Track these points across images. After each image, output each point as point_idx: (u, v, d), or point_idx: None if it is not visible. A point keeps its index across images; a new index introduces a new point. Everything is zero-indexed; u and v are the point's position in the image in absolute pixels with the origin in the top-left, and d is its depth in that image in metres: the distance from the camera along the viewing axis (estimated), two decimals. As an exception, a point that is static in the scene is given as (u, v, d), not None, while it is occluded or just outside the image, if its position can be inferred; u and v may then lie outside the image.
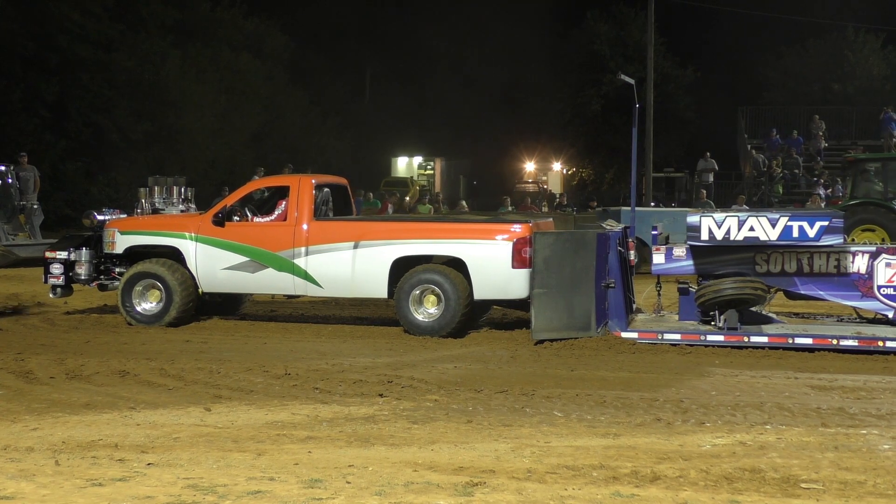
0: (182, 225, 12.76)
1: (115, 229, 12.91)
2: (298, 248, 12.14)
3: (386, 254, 11.84)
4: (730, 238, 11.01)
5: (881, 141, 32.43)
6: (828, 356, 10.45)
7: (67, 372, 9.46)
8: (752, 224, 10.94)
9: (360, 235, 12.00)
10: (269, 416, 7.62)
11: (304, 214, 12.28)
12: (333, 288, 12.20)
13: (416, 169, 49.06)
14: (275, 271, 12.22)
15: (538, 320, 10.96)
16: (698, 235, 11.08)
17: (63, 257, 12.96)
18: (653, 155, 30.48)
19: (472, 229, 11.88)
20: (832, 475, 5.91)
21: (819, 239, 10.85)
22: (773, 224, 10.90)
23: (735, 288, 10.93)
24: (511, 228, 11.61)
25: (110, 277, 13.06)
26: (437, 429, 7.17)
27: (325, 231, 12.19)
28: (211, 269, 12.45)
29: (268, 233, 12.38)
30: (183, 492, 5.47)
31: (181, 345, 11.19)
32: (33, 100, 32.62)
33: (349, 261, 11.95)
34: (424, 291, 11.66)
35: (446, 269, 11.67)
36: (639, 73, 33.73)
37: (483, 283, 11.53)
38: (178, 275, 12.41)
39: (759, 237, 10.96)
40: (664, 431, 7.12)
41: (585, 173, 49.71)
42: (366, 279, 11.93)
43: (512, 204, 26.75)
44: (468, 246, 11.62)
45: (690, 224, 11.15)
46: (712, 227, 11.01)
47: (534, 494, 5.48)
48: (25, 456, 6.37)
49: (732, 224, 10.97)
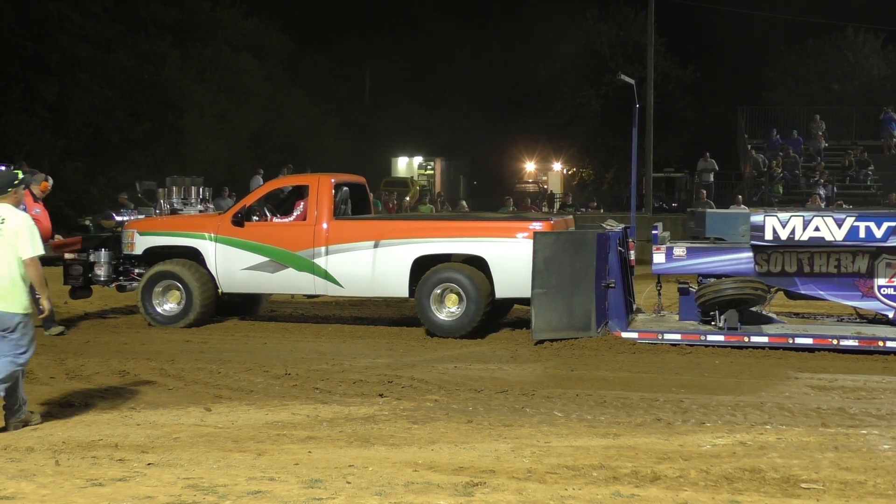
0: (201, 225, 12.77)
1: (133, 230, 12.91)
2: (318, 247, 12.13)
3: (407, 253, 11.82)
4: (794, 238, 10.85)
5: (881, 141, 32.43)
6: (828, 356, 10.44)
7: (67, 372, 9.46)
8: (818, 224, 10.77)
9: (380, 234, 11.99)
10: (270, 416, 7.62)
11: (323, 214, 12.26)
12: (354, 287, 12.19)
13: (416, 169, 49.03)
14: (295, 271, 12.20)
15: (538, 320, 10.95)
16: (762, 235, 10.92)
17: (82, 259, 12.95)
18: (653, 155, 30.44)
19: (494, 227, 11.83)
20: (832, 475, 5.91)
21: (887, 240, 10.71)
22: (840, 224, 10.75)
23: (735, 288, 10.92)
24: (532, 226, 11.61)
25: (129, 278, 13.07)
26: (437, 429, 7.17)
27: (344, 230, 12.18)
28: (230, 269, 12.44)
29: (287, 232, 12.36)
30: (183, 492, 5.47)
31: (181, 345, 11.19)
32: (33, 100, 32.58)
33: (370, 260, 11.94)
34: (445, 290, 11.64)
35: (467, 268, 11.65)
36: (639, 73, 33.70)
37: (505, 281, 11.48)
38: (199, 275, 12.41)
39: (824, 237, 10.79)
40: (664, 431, 7.12)
41: (585, 173, 49.68)
42: (386, 278, 11.91)
43: (513, 204, 26.74)
44: (490, 244, 11.59)
45: (755, 223, 10.98)
46: (777, 227, 10.86)
47: (534, 494, 5.48)
48: (26, 456, 6.38)
49: (797, 224, 10.82)
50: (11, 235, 7.07)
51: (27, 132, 32.10)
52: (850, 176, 30.71)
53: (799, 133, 32.40)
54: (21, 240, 7.07)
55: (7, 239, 7.07)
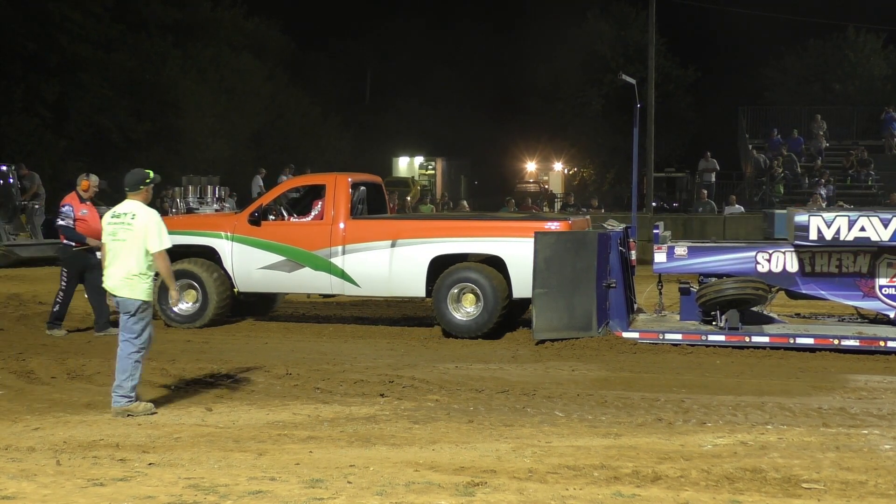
0: (217, 224, 12.76)
1: None
2: (335, 247, 12.10)
3: (424, 252, 11.79)
4: (839, 238, 10.71)
5: (882, 141, 32.42)
6: (829, 356, 10.44)
7: (69, 372, 9.47)
8: (863, 224, 10.64)
9: (397, 234, 11.97)
10: (271, 416, 7.62)
11: (340, 213, 12.23)
12: (371, 287, 12.16)
13: (417, 169, 49.03)
14: (311, 270, 12.17)
15: (539, 320, 10.94)
16: (806, 235, 10.80)
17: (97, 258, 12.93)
18: (654, 155, 30.41)
19: (511, 227, 11.79)
20: (833, 475, 5.91)
21: None
22: (886, 224, 10.63)
23: (736, 288, 10.91)
24: (548, 226, 11.58)
25: None
26: (438, 429, 7.17)
27: (361, 230, 12.15)
28: (247, 268, 12.41)
29: (304, 232, 12.33)
30: (184, 492, 5.47)
31: (182, 345, 11.19)
32: (34, 100, 32.60)
33: (386, 260, 11.91)
34: (463, 290, 11.59)
35: (485, 268, 11.62)
36: (640, 72, 33.65)
37: (522, 281, 11.39)
38: (215, 275, 12.38)
39: (870, 237, 10.67)
40: (665, 431, 7.12)
41: (586, 173, 49.65)
42: (403, 278, 11.89)
43: (515, 205, 26.72)
44: (507, 244, 11.54)
45: (798, 223, 10.84)
46: (821, 227, 10.72)
47: (535, 494, 5.48)
48: (27, 456, 6.38)
49: (842, 224, 10.68)
50: (141, 230, 7.76)
51: (28, 132, 32.12)
52: (851, 176, 30.71)
53: (800, 133, 32.40)
54: (149, 234, 7.76)
55: (136, 233, 7.76)
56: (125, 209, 7.91)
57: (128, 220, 7.82)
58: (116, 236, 7.82)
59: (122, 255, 7.79)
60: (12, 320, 13.09)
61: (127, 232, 7.79)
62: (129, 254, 7.77)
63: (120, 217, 7.88)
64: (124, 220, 7.83)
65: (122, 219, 7.85)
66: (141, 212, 7.85)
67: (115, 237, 7.83)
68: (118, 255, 7.80)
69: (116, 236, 7.82)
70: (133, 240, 7.76)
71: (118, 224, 7.85)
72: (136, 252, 7.76)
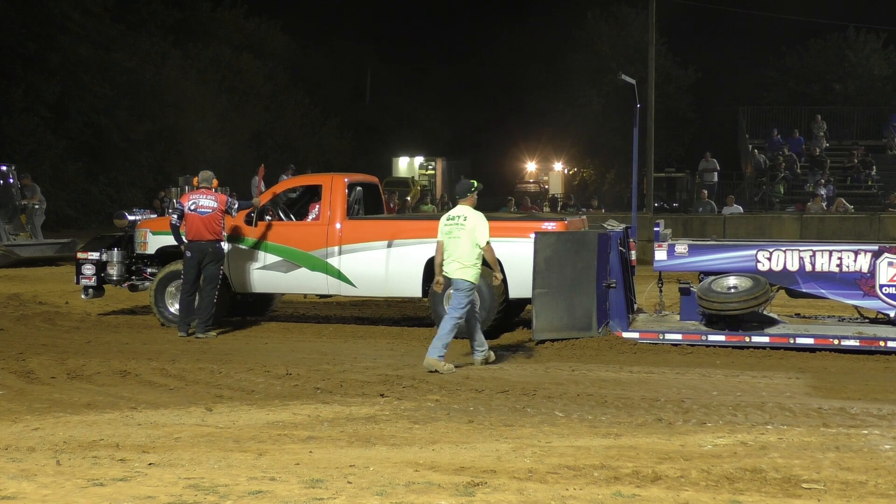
0: None
1: (147, 230, 12.87)
2: (332, 247, 12.10)
3: (420, 253, 11.78)
4: None
5: (883, 141, 32.43)
6: (829, 356, 10.43)
7: (69, 372, 9.47)
8: None
9: (393, 234, 11.97)
10: (271, 416, 7.62)
11: (336, 213, 12.23)
12: (367, 287, 12.16)
13: (417, 169, 49.03)
14: (308, 271, 12.18)
15: (539, 320, 10.94)
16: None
17: (95, 258, 12.91)
18: (654, 155, 30.40)
19: (507, 227, 11.72)
20: (833, 475, 5.90)
21: None
22: None
23: (740, 302, 10.86)
24: (545, 226, 11.57)
25: (142, 278, 13.05)
26: (438, 429, 7.17)
27: (358, 230, 12.15)
28: (243, 269, 12.41)
29: (301, 232, 12.33)
30: (184, 492, 5.47)
31: (182, 345, 11.19)
32: (34, 100, 32.61)
33: (383, 260, 11.93)
34: None
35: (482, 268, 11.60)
36: (640, 73, 33.63)
37: (519, 281, 11.37)
38: None
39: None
40: (665, 431, 7.11)
41: (587, 173, 49.65)
42: (400, 278, 11.89)
43: (515, 205, 26.69)
44: (503, 244, 11.46)
45: None
46: None
47: (535, 494, 5.48)
48: (27, 456, 6.37)
49: None
50: (471, 229, 9.60)
51: (28, 132, 32.13)
52: (852, 176, 30.71)
53: (800, 133, 32.40)
54: (478, 232, 9.60)
55: (468, 231, 9.60)
56: (458, 213, 9.74)
57: (461, 221, 9.64)
58: (452, 234, 9.63)
59: (457, 249, 9.59)
60: (12, 320, 13.09)
61: (460, 230, 9.57)
62: (462, 247, 9.55)
63: (454, 219, 9.68)
64: (458, 222, 9.64)
65: (456, 220, 9.65)
66: (470, 214, 9.68)
67: (451, 235, 9.63)
68: (455, 248, 9.60)
69: (452, 234, 9.63)
70: (467, 236, 9.57)
71: (453, 224, 9.65)
72: (471, 246, 9.58)
